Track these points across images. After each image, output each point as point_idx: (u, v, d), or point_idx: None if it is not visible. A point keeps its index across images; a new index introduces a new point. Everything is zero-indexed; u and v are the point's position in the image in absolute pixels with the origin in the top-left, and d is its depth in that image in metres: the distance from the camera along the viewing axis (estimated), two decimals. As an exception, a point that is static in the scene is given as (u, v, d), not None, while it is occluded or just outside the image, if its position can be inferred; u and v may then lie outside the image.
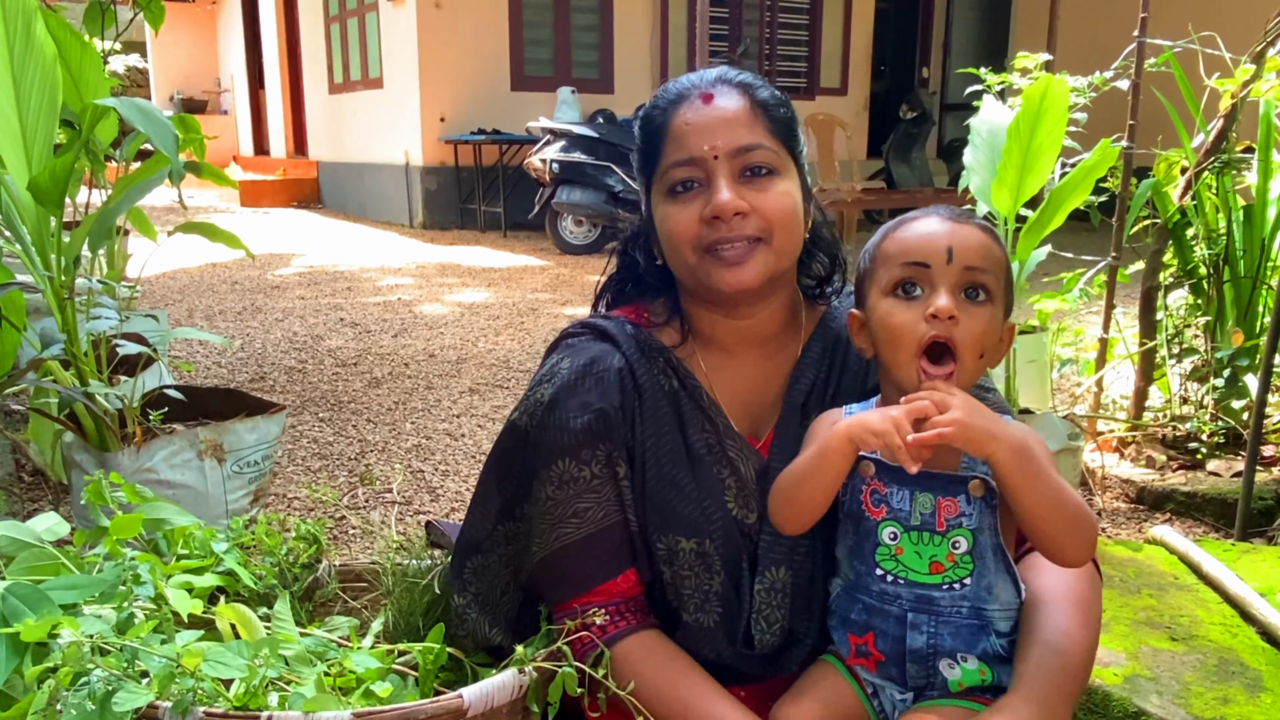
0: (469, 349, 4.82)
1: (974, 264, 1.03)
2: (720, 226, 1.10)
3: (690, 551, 1.13)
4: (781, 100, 1.17)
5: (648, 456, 1.14)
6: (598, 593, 1.14)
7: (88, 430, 2.24)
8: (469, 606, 1.20)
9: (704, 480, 1.15)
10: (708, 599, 1.13)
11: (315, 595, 1.37)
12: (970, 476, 1.03)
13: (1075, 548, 1.01)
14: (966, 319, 1.02)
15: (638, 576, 1.16)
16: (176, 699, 0.95)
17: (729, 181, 1.10)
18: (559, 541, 1.13)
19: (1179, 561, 2.19)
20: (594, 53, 10.26)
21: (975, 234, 1.05)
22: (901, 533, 1.05)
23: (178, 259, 7.35)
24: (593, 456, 1.13)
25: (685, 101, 1.14)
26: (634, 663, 1.11)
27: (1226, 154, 2.89)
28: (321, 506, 2.77)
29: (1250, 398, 2.77)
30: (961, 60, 11.11)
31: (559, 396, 1.15)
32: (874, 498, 1.06)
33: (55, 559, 1.17)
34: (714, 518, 1.14)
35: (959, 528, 1.03)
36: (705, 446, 1.16)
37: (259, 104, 14.33)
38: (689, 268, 1.14)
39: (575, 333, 1.24)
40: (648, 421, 1.15)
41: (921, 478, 1.04)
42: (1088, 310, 4.39)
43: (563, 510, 1.13)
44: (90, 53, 2.42)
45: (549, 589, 1.17)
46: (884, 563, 1.06)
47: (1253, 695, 1.64)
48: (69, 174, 2.05)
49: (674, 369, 1.18)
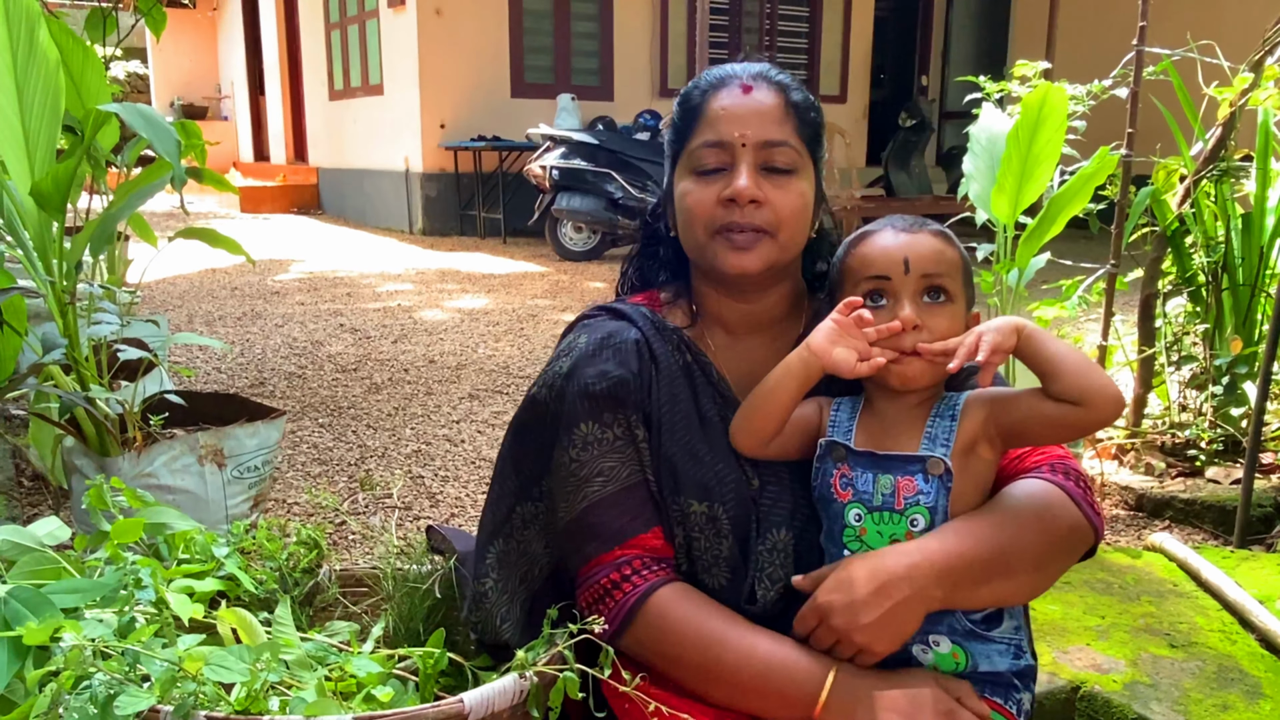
0: (469, 355, 4.82)
1: (930, 270, 1.12)
2: (734, 210, 1.15)
3: (701, 515, 1.16)
4: (814, 105, 1.22)
5: (663, 422, 1.18)
6: (630, 545, 1.16)
7: (88, 435, 2.24)
8: (488, 594, 1.21)
9: (716, 446, 1.19)
10: (716, 562, 1.16)
11: (316, 600, 1.37)
12: (929, 456, 1.09)
13: (1099, 392, 1.05)
14: (930, 319, 1.10)
15: (665, 537, 1.18)
16: (178, 703, 0.95)
17: (750, 170, 1.16)
18: (586, 500, 1.16)
19: (1178, 568, 2.20)
20: (594, 60, 10.29)
21: (928, 241, 1.13)
22: (865, 514, 1.11)
23: (178, 264, 7.36)
24: (614, 419, 1.17)
25: (725, 88, 1.20)
26: (672, 606, 1.13)
27: (1225, 162, 2.89)
28: (322, 511, 2.77)
29: (1249, 405, 2.78)
30: (960, 68, 11.12)
31: (578, 365, 1.19)
32: (842, 481, 1.12)
33: (56, 563, 1.17)
34: (726, 481, 1.17)
35: (916, 505, 1.09)
36: (717, 414, 1.20)
37: (259, 110, 14.35)
38: (699, 245, 1.20)
39: (591, 314, 1.29)
40: (663, 389, 1.19)
41: (883, 460, 1.10)
42: (1087, 318, 4.40)
43: (588, 470, 1.16)
44: (92, 59, 2.43)
45: (579, 549, 1.17)
46: (850, 544, 1.11)
47: (1252, 702, 1.64)
48: (71, 179, 2.05)
49: (687, 346, 1.23)
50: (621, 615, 1.12)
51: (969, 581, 1.05)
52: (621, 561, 1.15)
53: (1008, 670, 1.11)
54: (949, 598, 1.05)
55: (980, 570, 1.06)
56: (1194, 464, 2.93)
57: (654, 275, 1.35)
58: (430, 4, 9.42)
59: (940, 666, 1.09)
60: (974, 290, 1.18)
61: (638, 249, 1.38)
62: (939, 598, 1.04)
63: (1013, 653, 1.11)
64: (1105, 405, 1.06)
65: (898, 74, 12.69)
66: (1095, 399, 1.05)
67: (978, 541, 1.06)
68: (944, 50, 12.38)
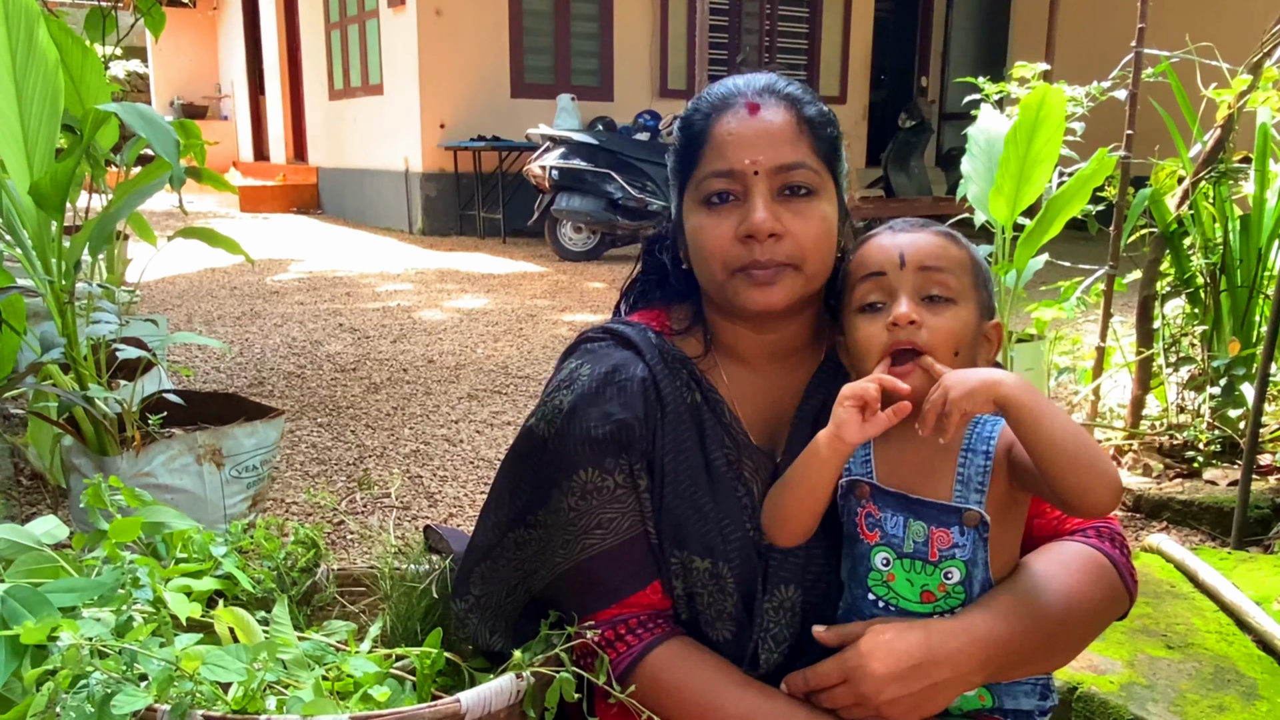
0: (467, 355, 4.82)
1: (928, 264, 1.03)
2: (754, 247, 1.07)
3: (704, 571, 1.10)
4: (829, 118, 1.13)
5: (667, 472, 1.11)
6: (627, 604, 1.12)
7: (87, 434, 2.24)
8: (470, 611, 1.19)
9: (723, 501, 1.12)
10: (720, 617, 1.11)
11: (313, 599, 1.37)
12: (964, 508, 1.01)
13: (1097, 486, 0.95)
14: (932, 319, 1.02)
15: (663, 589, 1.13)
16: (175, 702, 0.95)
17: (766, 200, 1.07)
18: (585, 553, 1.10)
19: (1175, 570, 2.20)
20: (594, 60, 10.29)
21: (928, 237, 1.06)
22: (894, 559, 1.03)
23: (177, 264, 7.36)
24: (616, 466, 1.10)
25: (730, 109, 1.10)
26: (668, 668, 1.08)
27: (1223, 164, 2.90)
28: (320, 511, 2.77)
29: (1247, 406, 2.78)
30: (960, 69, 11.13)
31: (579, 405, 1.11)
32: (868, 521, 1.05)
33: (54, 562, 1.17)
34: (732, 539, 1.11)
35: (952, 559, 1.02)
36: (725, 463, 1.13)
37: (259, 110, 14.35)
38: (717, 284, 1.11)
39: (595, 337, 1.20)
40: (669, 435, 1.12)
41: (915, 505, 1.02)
42: (1085, 319, 4.40)
43: (586, 521, 1.10)
44: (91, 58, 2.43)
45: (574, 600, 1.13)
46: (876, 588, 1.05)
47: (1248, 703, 1.65)
48: (70, 179, 2.05)
49: (697, 382, 1.15)
50: (615, 676, 1.09)
51: (1010, 666, 1.02)
52: (618, 620, 1.11)
53: (1033, 710, 1.09)
54: (987, 679, 1.02)
55: (1024, 654, 1.02)
56: (1192, 465, 2.93)
57: (662, 296, 1.26)
58: (430, 4, 9.42)
59: (964, 707, 1.06)
60: (992, 297, 1.09)
61: (639, 272, 1.29)
62: (977, 682, 1.01)
63: (1039, 693, 1.09)
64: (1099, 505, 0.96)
65: (897, 75, 12.69)
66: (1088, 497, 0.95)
67: (1026, 627, 1.01)
68: (944, 51, 12.39)
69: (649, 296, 1.28)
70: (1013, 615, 1.01)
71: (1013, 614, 1.01)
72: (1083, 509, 0.98)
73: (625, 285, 1.30)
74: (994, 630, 1.00)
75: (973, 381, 0.94)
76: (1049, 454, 0.94)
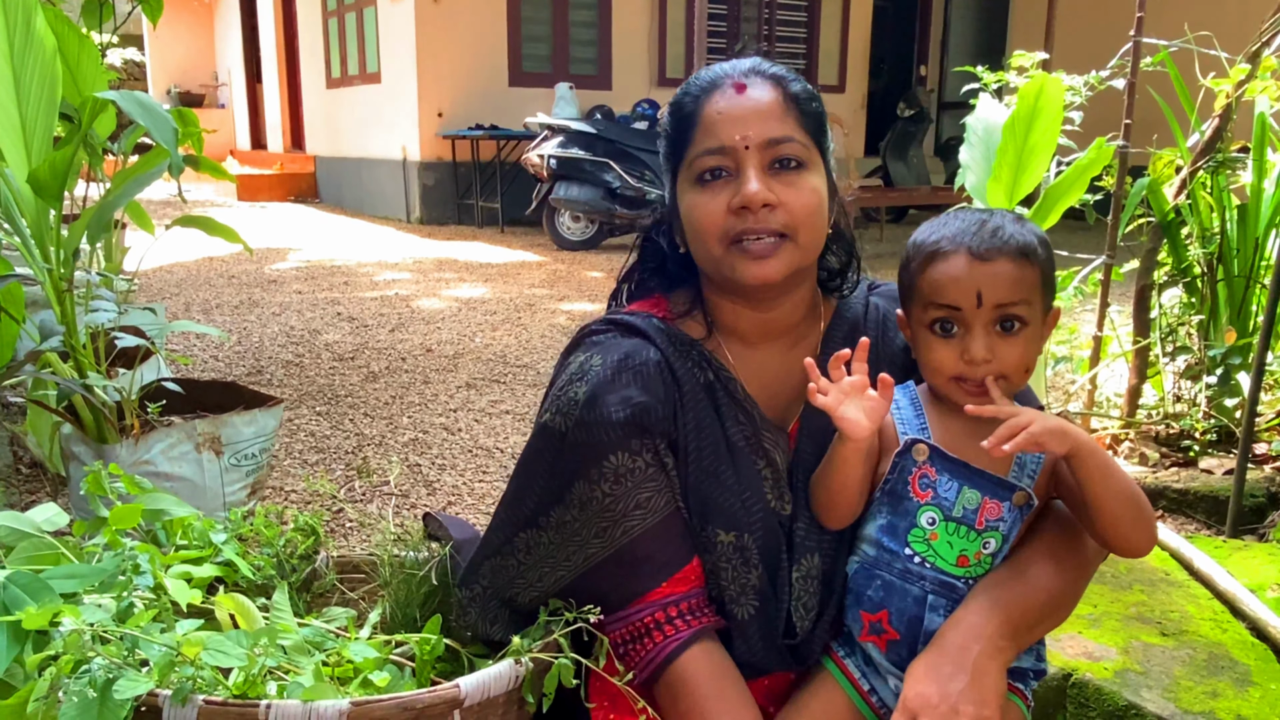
0: (466, 344, 4.83)
1: (1004, 300, 1.05)
2: (747, 217, 1.09)
3: (729, 545, 1.12)
4: (813, 95, 1.16)
5: (690, 450, 1.13)
6: (677, 580, 1.12)
7: (86, 422, 2.24)
8: (474, 601, 1.20)
9: (744, 473, 1.15)
10: (744, 591, 1.13)
11: (313, 586, 1.38)
12: (1017, 486, 1.08)
13: (1139, 535, 1.05)
14: (1004, 348, 1.07)
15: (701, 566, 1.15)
16: (176, 687, 0.96)
17: (758, 172, 1.10)
18: (626, 535, 1.11)
19: (1170, 558, 2.21)
20: (592, 49, 10.26)
21: (1004, 267, 1.06)
22: (940, 520, 1.09)
23: (175, 252, 7.35)
24: (643, 446, 1.11)
25: (718, 90, 1.13)
26: (694, 677, 1.10)
27: (1221, 153, 2.90)
28: (319, 499, 2.77)
29: (1243, 396, 2.79)
30: (959, 58, 11.10)
31: (597, 393, 1.11)
32: (922, 481, 1.10)
33: (55, 549, 1.18)
34: (754, 510, 1.14)
35: (995, 530, 1.08)
36: (743, 439, 1.16)
37: (256, 98, 14.31)
38: (713, 259, 1.13)
39: (599, 329, 1.21)
40: (688, 414, 1.14)
41: (974, 474, 1.08)
42: (1082, 308, 4.40)
43: (624, 504, 1.11)
44: (88, 46, 2.42)
45: (619, 587, 1.13)
46: (916, 544, 1.10)
47: (1241, 690, 1.66)
48: (68, 167, 2.05)
49: (707, 361, 1.17)
50: (651, 669, 1.10)
51: (1028, 625, 1.08)
52: (668, 602, 1.11)
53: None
54: (1016, 642, 1.07)
55: (1037, 613, 1.09)
56: (1188, 454, 2.94)
57: (659, 284, 1.28)
58: (428, -8, 9.39)
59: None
60: (1054, 287, 1.12)
61: (635, 261, 1.30)
62: (1007, 648, 1.06)
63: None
64: (1137, 551, 1.07)
65: (896, 64, 12.66)
66: (1129, 544, 1.06)
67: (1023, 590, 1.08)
68: (943, 40, 12.36)
69: (646, 285, 1.29)
70: (1031, 577, 1.09)
71: (1032, 576, 1.09)
72: (1119, 551, 1.08)
73: (622, 274, 1.32)
74: (993, 597, 1.07)
75: (1052, 424, 1.01)
76: (1108, 505, 1.03)
